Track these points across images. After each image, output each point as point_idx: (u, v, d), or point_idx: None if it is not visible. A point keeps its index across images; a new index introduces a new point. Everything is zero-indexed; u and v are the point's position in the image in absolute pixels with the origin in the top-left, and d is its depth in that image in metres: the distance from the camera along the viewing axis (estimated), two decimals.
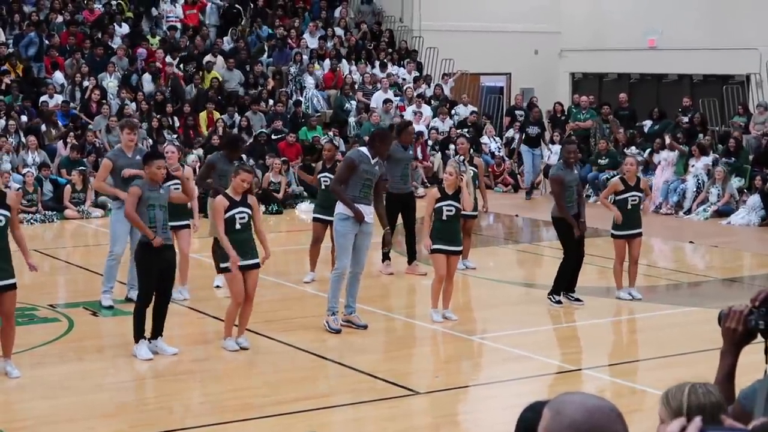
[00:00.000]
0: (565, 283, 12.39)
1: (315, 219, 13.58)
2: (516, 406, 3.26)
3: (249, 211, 10.15)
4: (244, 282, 10.13)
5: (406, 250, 14.48)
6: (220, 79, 25.50)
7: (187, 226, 12.54)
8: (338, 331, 10.96)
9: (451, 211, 11.37)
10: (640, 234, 12.76)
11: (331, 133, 23.41)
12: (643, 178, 13.49)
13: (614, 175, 21.40)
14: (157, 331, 10.12)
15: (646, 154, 22.05)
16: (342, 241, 10.87)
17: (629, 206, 12.63)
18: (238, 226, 10.06)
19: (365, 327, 11.15)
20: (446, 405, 9.09)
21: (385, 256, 14.25)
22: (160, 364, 9.91)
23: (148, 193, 9.96)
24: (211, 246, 12.97)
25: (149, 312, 10.04)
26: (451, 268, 11.52)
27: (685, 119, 23.74)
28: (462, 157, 13.85)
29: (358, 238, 10.92)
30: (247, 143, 22.19)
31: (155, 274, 9.90)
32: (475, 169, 14.07)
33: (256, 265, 10.23)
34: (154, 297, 10.00)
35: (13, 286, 9.25)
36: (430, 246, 11.42)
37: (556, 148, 24.06)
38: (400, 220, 14.25)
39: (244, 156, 13.24)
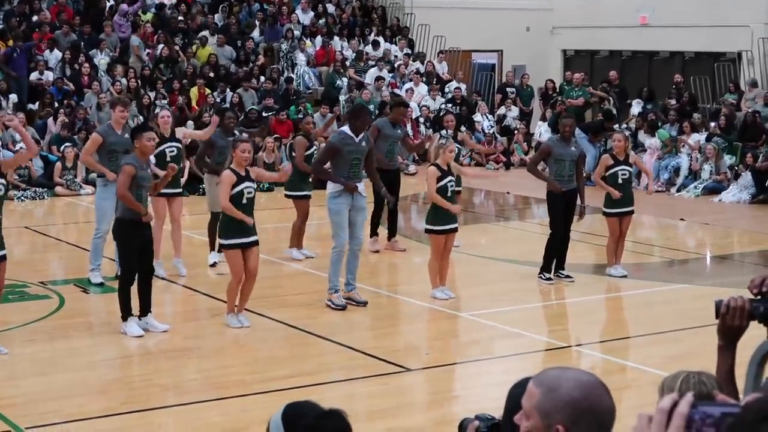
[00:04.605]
0: (553, 259, 12.40)
1: (305, 197, 13.61)
2: (506, 382, 3.26)
3: (254, 185, 10.19)
4: (245, 259, 10.12)
5: (387, 227, 14.48)
6: (216, 54, 25.45)
7: (179, 194, 12.58)
8: (343, 307, 10.99)
9: (452, 185, 11.45)
10: (631, 212, 12.79)
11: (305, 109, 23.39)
12: (633, 153, 13.50)
13: (605, 151, 21.47)
14: (145, 309, 10.10)
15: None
16: (337, 218, 10.90)
17: (620, 180, 12.63)
18: (244, 201, 10.06)
19: (365, 304, 11.19)
20: (437, 381, 9.11)
21: (373, 232, 14.25)
22: (150, 341, 9.91)
23: (140, 172, 9.90)
24: (208, 224, 13.00)
25: (134, 290, 10.02)
26: (449, 244, 11.55)
27: (673, 102, 23.71)
28: (450, 131, 13.91)
29: (352, 213, 10.96)
30: (238, 118, 22.15)
31: (135, 251, 9.86)
32: (460, 146, 14.20)
33: (256, 242, 10.22)
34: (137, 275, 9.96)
35: (3, 258, 9.20)
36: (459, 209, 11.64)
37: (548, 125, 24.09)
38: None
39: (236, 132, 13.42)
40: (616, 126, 21.78)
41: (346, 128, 11.17)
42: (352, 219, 10.98)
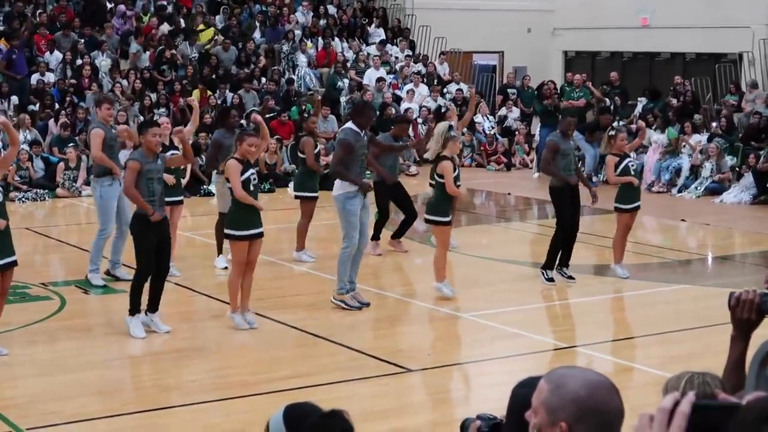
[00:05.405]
0: (557, 255, 12.36)
1: (313, 198, 13.67)
2: (508, 383, 3.26)
3: (255, 172, 10.27)
4: (248, 251, 10.13)
5: (398, 227, 14.45)
6: (218, 39, 25.51)
7: (181, 202, 12.61)
8: (366, 304, 11.09)
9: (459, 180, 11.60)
10: (639, 207, 12.79)
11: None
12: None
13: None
14: (153, 306, 10.12)
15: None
16: (353, 219, 10.95)
17: (632, 172, 12.60)
18: (251, 188, 10.09)
19: (368, 304, 11.20)
20: (438, 382, 9.11)
21: (376, 236, 14.22)
22: (152, 342, 9.92)
23: (147, 165, 9.93)
24: (216, 224, 13.00)
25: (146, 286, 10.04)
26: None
27: (674, 101, 23.69)
28: (453, 122, 13.94)
29: (362, 213, 11.04)
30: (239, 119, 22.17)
31: (152, 248, 9.87)
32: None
33: (261, 234, 10.24)
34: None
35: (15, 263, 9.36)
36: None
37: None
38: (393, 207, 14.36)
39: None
40: (615, 123, 21.69)
41: (351, 124, 11.15)
42: (361, 219, 11.06)
